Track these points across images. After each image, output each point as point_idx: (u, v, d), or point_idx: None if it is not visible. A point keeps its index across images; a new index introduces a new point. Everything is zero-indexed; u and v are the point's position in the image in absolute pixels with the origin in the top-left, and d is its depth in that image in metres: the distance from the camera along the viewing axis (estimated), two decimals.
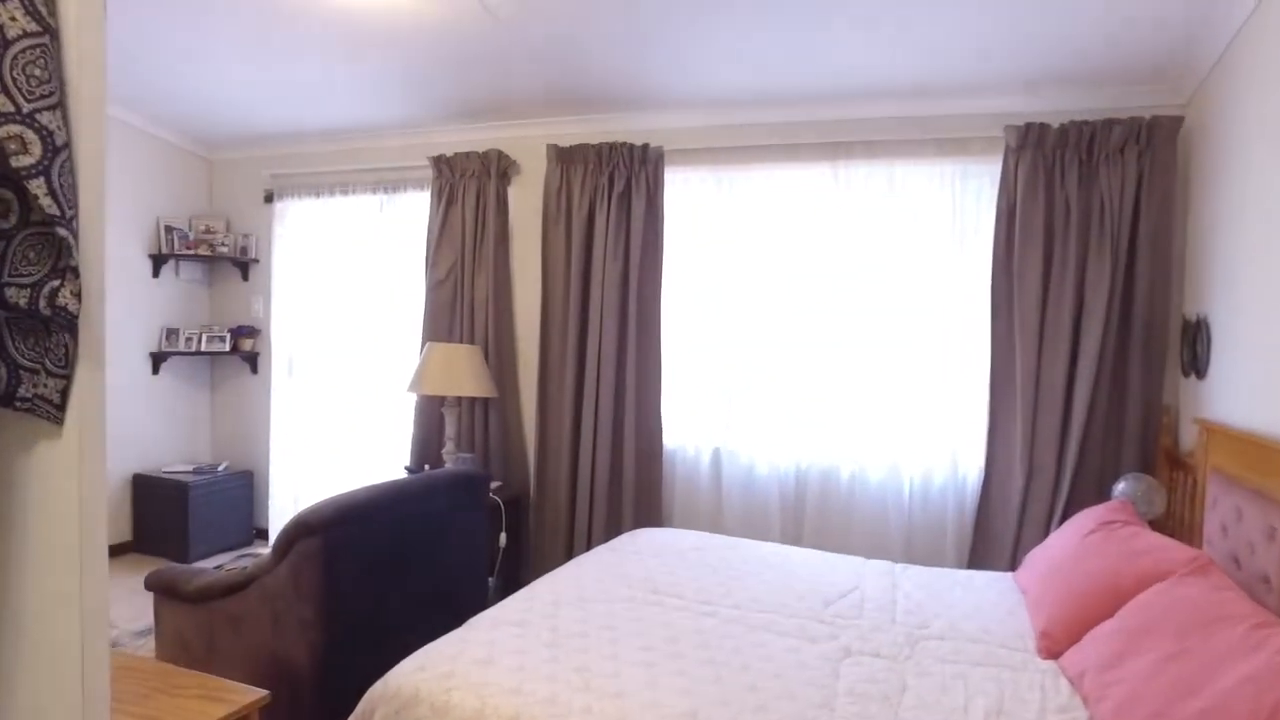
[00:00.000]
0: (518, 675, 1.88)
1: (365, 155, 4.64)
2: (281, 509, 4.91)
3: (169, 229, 4.90)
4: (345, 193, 4.68)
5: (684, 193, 3.90)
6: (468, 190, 4.22)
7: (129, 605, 3.93)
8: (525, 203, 4.25)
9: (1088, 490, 3.15)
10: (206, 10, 3.37)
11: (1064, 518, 3.10)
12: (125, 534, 4.83)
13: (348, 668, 2.57)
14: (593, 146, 3.89)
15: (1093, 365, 3.12)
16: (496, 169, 4.17)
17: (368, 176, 4.61)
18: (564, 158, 3.98)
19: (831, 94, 3.48)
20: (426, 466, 4.13)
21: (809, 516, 3.62)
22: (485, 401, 4.20)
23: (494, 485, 3.99)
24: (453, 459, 3.99)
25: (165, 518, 4.71)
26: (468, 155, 4.21)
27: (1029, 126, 3.20)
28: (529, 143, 4.21)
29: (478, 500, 3.21)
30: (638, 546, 2.97)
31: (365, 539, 2.63)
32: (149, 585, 2.85)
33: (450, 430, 3.99)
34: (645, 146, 3.78)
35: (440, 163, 4.27)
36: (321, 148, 4.80)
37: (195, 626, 2.77)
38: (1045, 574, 2.40)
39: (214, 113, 4.56)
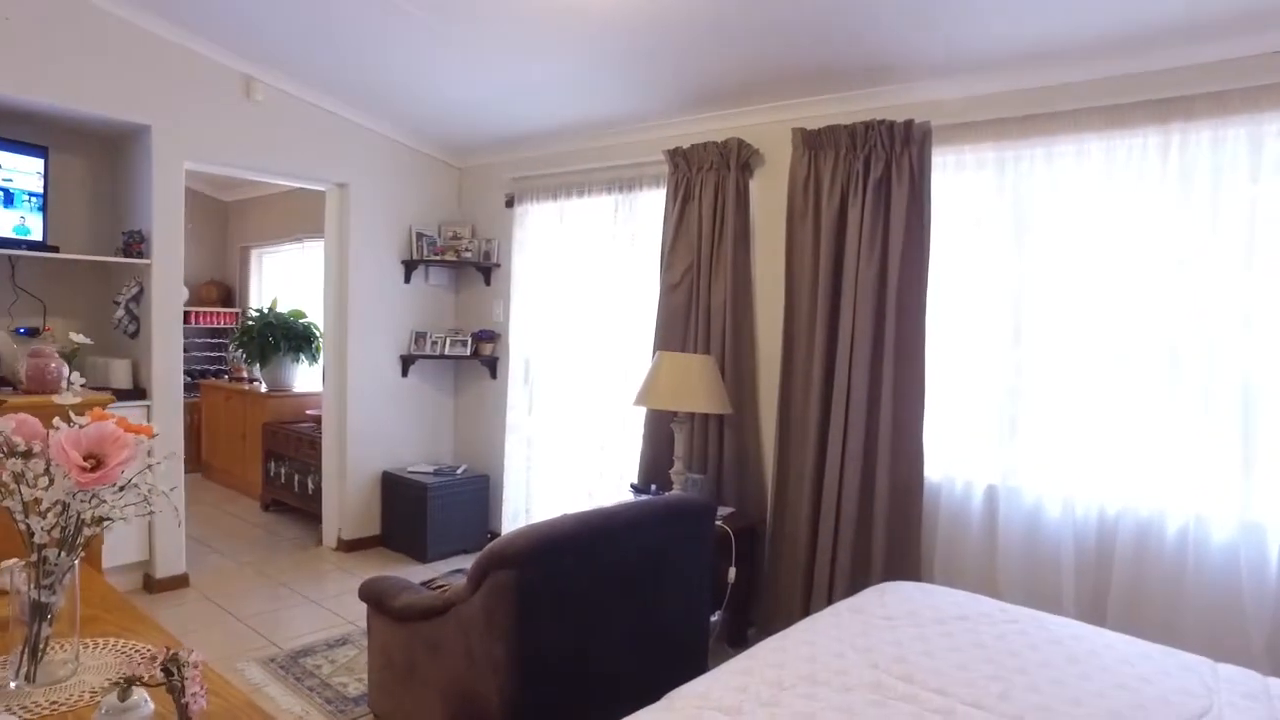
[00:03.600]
0: None
1: (600, 154, 4.44)
2: (514, 514, 4.84)
3: (419, 236, 5.02)
4: (581, 194, 4.50)
5: (956, 176, 3.24)
6: (705, 184, 3.85)
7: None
8: (768, 196, 3.80)
9: None
10: (453, 20, 3.35)
11: None
12: (375, 528, 5.00)
13: (544, 718, 2.27)
14: (845, 128, 3.35)
15: None
16: (737, 159, 3.75)
17: (603, 175, 4.39)
18: (812, 142, 3.48)
19: (1168, 30, 2.66)
20: (654, 487, 3.81)
21: (1117, 584, 2.79)
22: (720, 418, 3.79)
23: (725, 512, 3.58)
24: (681, 481, 3.62)
25: (407, 516, 4.81)
26: (705, 146, 3.84)
27: None
28: (772, 128, 3.75)
29: (700, 533, 2.81)
30: (888, 609, 2.40)
31: (566, 575, 2.32)
32: (361, 595, 2.76)
33: (680, 449, 3.63)
34: (908, 124, 3.17)
35: (676, 156, 3.94)
36: (559, 148, 4.67)
37: (399, 644, 2.62)
38: None
39: (463, 121, 4.59)
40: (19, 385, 2.17)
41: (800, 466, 3.55)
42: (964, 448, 3.23)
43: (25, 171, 3.84)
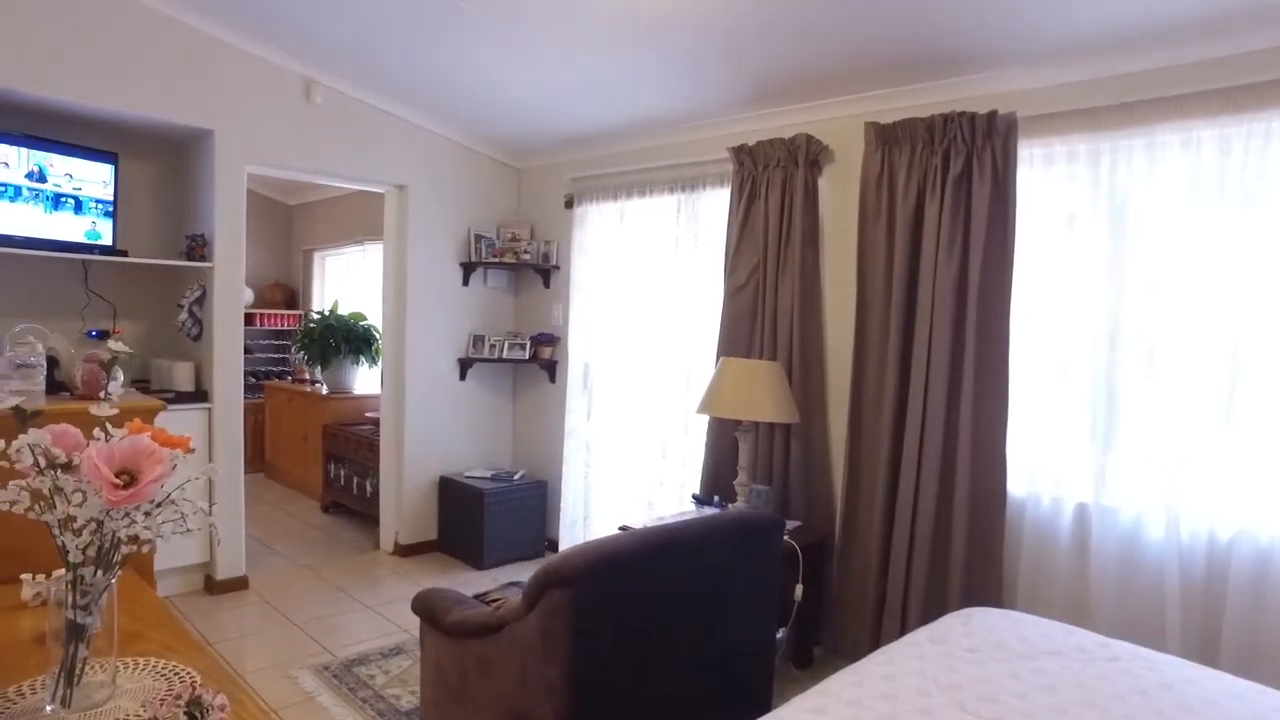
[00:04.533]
0: None
1: (662, 152, 4.30)
2: (572, 522, 4.74)
3: (478, 237, 4.96)
4: (642, 194, 4.38)
5: (1043, 171, 3.02)
6: (772, 183, 3.69)
7: None
8: (838, 195, 3.62)
9: None
10: (511, 17, 3.28)
11: None
12: (432, 533, 4.95)
13: None
14: (922, 121, 3.15)
15: None
16: (805, 156, 3.58)
17: (664, 175, 4.26)
18: (886, 137, 3.29)
19: None
20: (716, 498, 3.65)
21: (1231, 619, 2.53)
22: (786, 427, 3.63)
23: (792, 526, 3.41)
24: (745, 492, 3.47)
25: (464, 522, 4.75)
26: (771, 143, 3.67)
27: None
28: (843, 123, 3.57)
29: (768, 551, 2.65)
30: (973, 639, 2.21)
31: (625, 595, 2.19)
32: (414, 608, 2.67)
33: (744, 459, 3.47)
34: (991, 115, 2.96)
35: (741, 153, 3.79)
36: (619, 147, 4.55)
37: (451, 660, 2.52)
38: None
39: (522, 121, 4.51)
40: (75, 390, 2.15)
41: (872, 479, 3.37)
42: (1052, 461, 3.00)
43: (95, 180, 3.88)
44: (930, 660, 2.08)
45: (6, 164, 3.62)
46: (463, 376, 5.03)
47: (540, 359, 4.98)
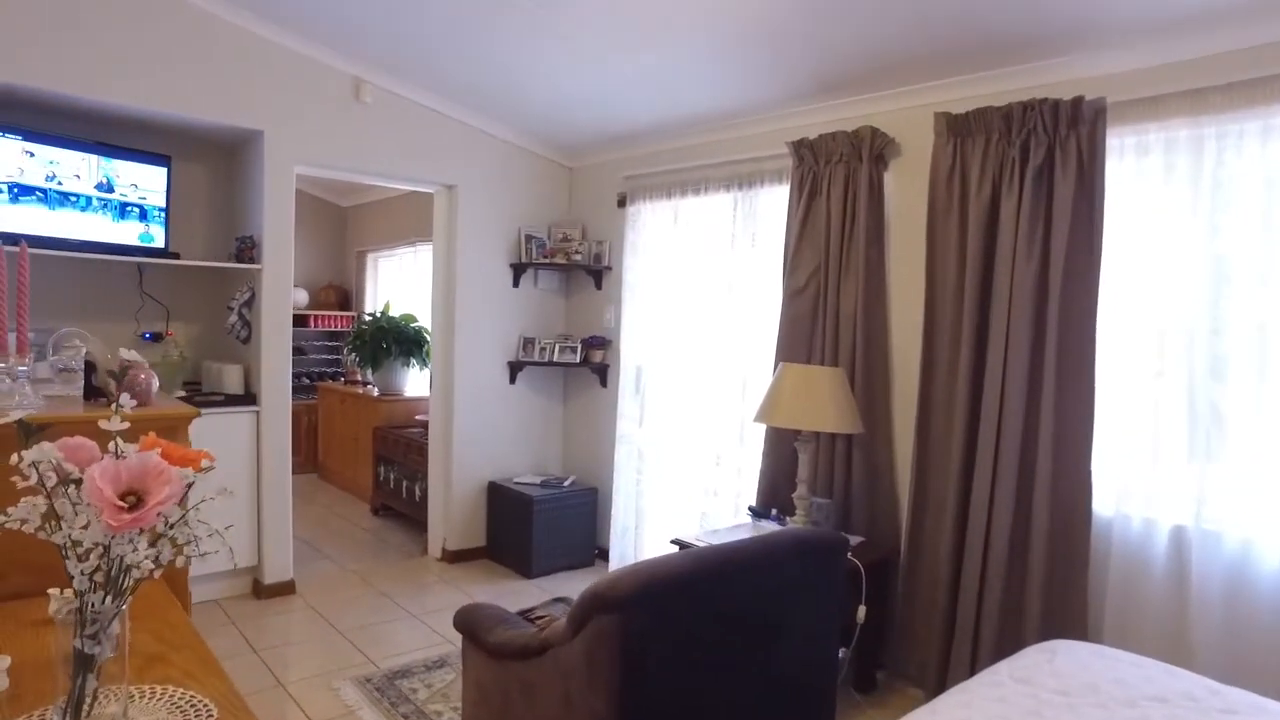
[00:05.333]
0: None
1: (717, 148, 4.13)
2: (622, 531, 4.60)
3: (529, 238, 4.86)
4: (697, 192, 4.21)
5: (1136, 161, 2.76)
6: (834, 179, 3.49)
7: None
8: (905, 190, 3.40)
9: None
10: (560, 10, 3.18)
11: None
12: (480, 539, 4.86)
13: None
14: (998, 110, 2.93)
15: None
16: (869, 150, 3.38)
17: (720, 172, 4.09)
18: (958, 128, 3.07)
19: None
20: (774, 511, 3.47)
21: None
22: (848, 437, 3.43)
23: (854, 542, 3.21)
24: (805, 506, 3.28)
25: (513, 529, 4.65)
26: (834, 136, 3.48)
27: None
28: (911, 115, 3.36)
29: (831, 573, 2.46)
30: (1062, 679, 1.99)
31: (678, 620, 2.03)
32: (456, 624, 2.55)
33: (804, 471, 3.29)
34: (1077, 101, 2.73)
35: (801, 148, 3.60)
36: (673, 144, 4.40)
37: (493, 680, 2.40)
38: None
39: (573, 118, 4.40)
40: (111, 397, 2.09)
41: (941, 493, 3.15)
42: (1144, 477, 2.74)
43: (150, 188, 3.87)
44: (1014, 704, 1.88)
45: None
46: (512, 380, 4.93)
47: (591, 362, 4.85)
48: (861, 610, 3.02)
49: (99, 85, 3.46)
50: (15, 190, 3.47)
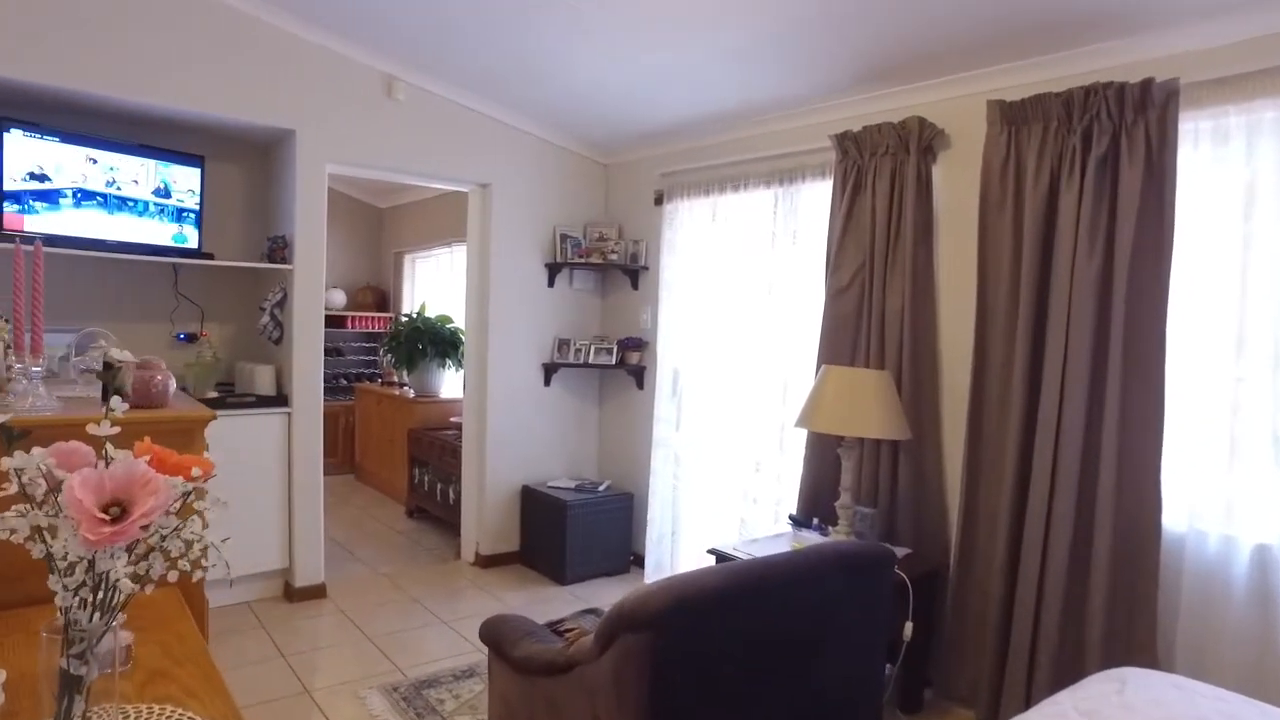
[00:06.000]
0: None
1: (757, 143, 3.99)
2: (659, 537, 4.47)
3: (564, 237, 4.76)
4: (736, 188, 4.07)
5: (1213, 148, 2.56)
6: (879, 172, 3.33)
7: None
8: (956, 184, 3.23)
9: None
10: (598, 2, 3.04)
11: None
12: (513, 544, 4.77)
13: None
14: (1057, 96, 2.75)
15: None
16: (917, 142, 3.21)
17: (760, 167, 3.95)
18: (1013, 117, 2.90)
19: None
20: (815, 521, 3.32)
21: None
22: (894, 444, 3.26)
23: (900, 554, 3.05)
24: (848, 515, 3.12)
25: (547, 534, 4.55)
26: (879, 128, 3.32)
27: None
28: (961, 104, 3.18)
29: (878, 589, 2.32)
30: (1132, 714, 1.82)
31: (712, 639, 1.91)
32: (482, 636, 2.46)
33: (847, 478, 3.13)
34: (1146, 84, 2.53)
35: (845, 140, 3.44)
36: (711, 139, 4.26)
37: (518, 695, 2.29)
38: None
39: (609, 114, 4.29)
40: (126, 399, 2.03)
41: (993, 504, 2.98)
42: (1221, 490, 2.54)
43: (185, 190, 3.86)
44: None
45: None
46: (547, 382, 4.83)
47: (627, 364, 4.73)
48: (908, 626, 2.86)
49: (137, 86, 3.44)
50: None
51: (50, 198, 3.46)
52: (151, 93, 3.48)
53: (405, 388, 6.28)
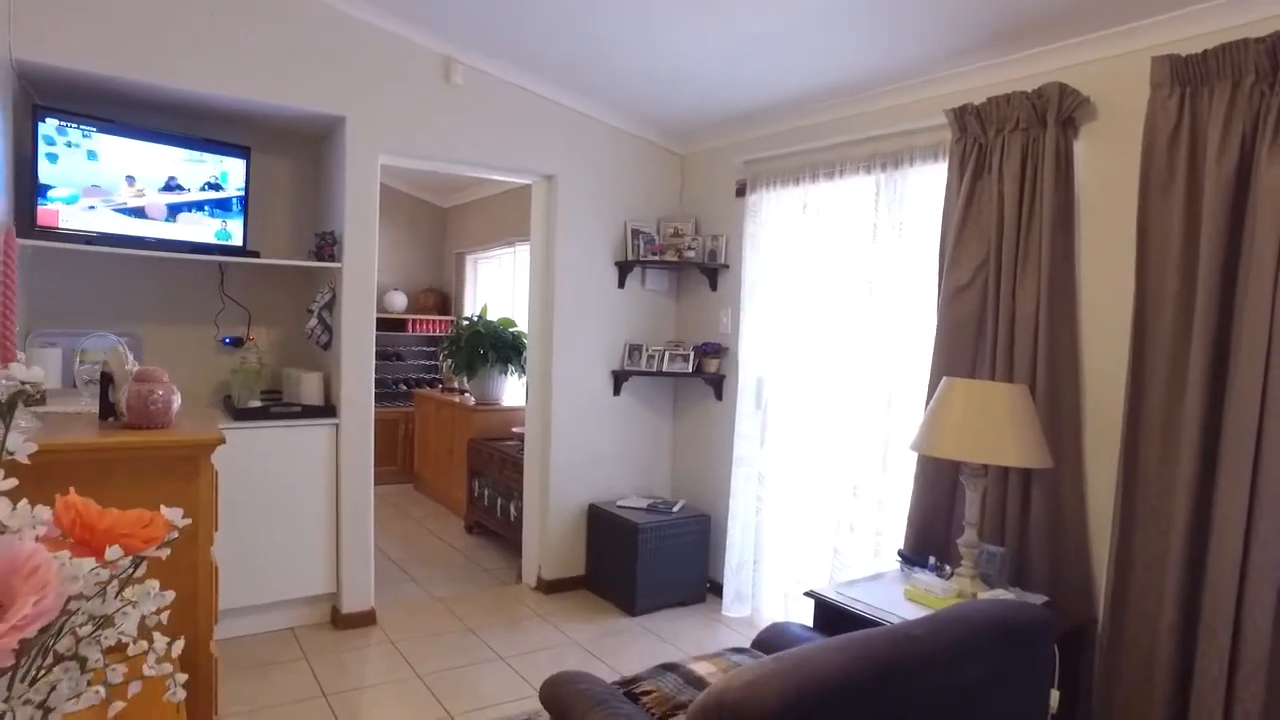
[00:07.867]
0: None
1: (856, 123, 3.52)
2: (739, 565, 4.03)
3: (635, 233, 4.36)
4: (829, 175, 3.61)
5: None
6: (1007, 151, 2.83)
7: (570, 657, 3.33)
8: (1105, 161, 2.71)
9: None
10: None
11: None
12: (579, 568, 4.38)
13: None
14: (1255, 43, 2.21)
15: None
16: (1055, 114, 2.70)
17: (859, 150, 3.47)
18: (1188, 75, 2.37)
19: None
20: (932, 560, 2.83)
21: None
22: (1026, 471, 2.75)
23: (1037, 602, 2.53)
24: (973, 555, 2.63)
25: (615, 558, 4.14)
26: (1007, 99, 2.82)
27: None
28: (1113, 65, 2.66)
29: (1037, 664, 1.83)
30: None
31: None
32: (543, 700, 2.06)
33: (972, 512, 2.64)
34: None
35: (963, 116, 2.95)
36: (800, 122, 3.80)
37: None
38: None
39: (685, 96, 3.86)
40: (121, 416, 1.71)
41: (1156, 549, 2.45)
42: None
43: (230, 183, 3.59)
44: None
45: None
46: (616, 391, 4.43)
47: (705, 373, 4.29)
48: (1054, 696, 2.35)
49: (175, 71, 3.16)
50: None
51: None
52: (191, 78, 3.20)
53: (466, 394, 5.96)
